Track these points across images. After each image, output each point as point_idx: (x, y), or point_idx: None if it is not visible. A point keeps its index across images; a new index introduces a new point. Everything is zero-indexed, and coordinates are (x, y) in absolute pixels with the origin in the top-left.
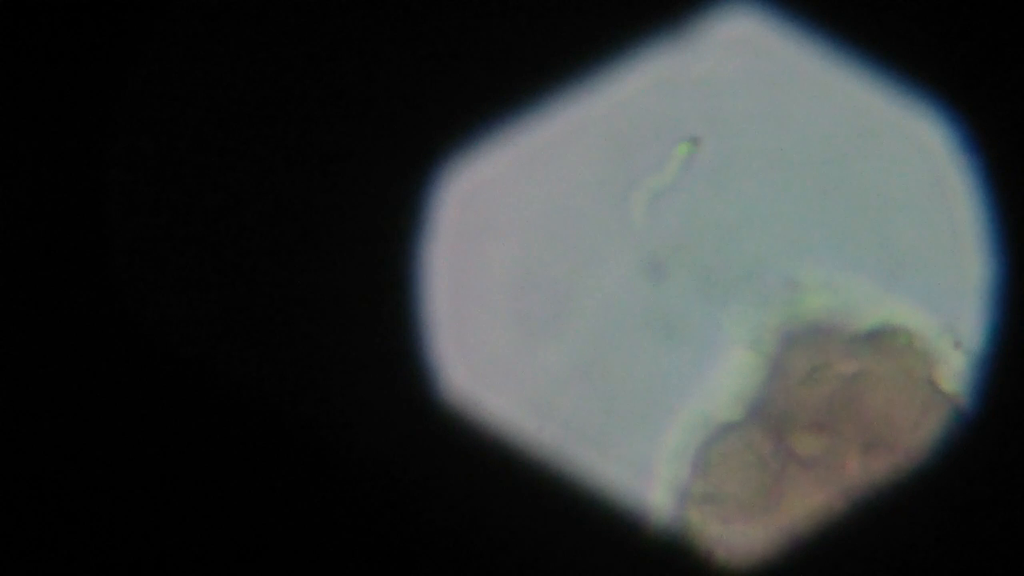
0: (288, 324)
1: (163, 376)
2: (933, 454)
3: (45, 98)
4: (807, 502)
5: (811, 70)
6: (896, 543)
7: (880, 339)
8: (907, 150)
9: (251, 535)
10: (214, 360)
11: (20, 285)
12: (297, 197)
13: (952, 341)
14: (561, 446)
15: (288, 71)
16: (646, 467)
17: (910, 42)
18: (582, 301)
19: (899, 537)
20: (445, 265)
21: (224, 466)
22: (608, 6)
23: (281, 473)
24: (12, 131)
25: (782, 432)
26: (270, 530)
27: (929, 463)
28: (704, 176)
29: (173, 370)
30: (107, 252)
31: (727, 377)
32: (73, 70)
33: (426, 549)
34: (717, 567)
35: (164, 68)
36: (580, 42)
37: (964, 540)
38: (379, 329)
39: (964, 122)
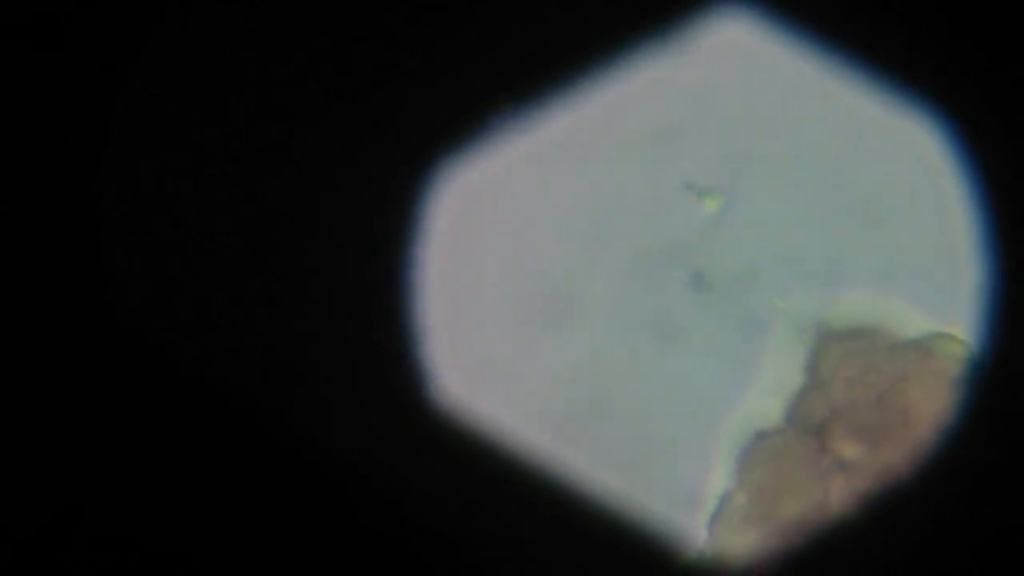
0: (282, 326)
1: (155, 379)
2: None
3: (41, 98)
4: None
5: (803, 74)
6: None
7: (925, 344)
8: (900, 154)
9: (241, 539)
10: (205, 362)
11: (14, 286)
12: (292, 198)
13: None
14: (556, 453)
15: (283, 72)
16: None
17: (902, 45)
18: (579, 305)
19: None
20: (441, 268)
21: (214, 469)
22: (602, 11)
23: (271, 477)
24: (9, 131)
25: (825, 438)
26: (260, 534)
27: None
28: (701, 181)
29: (164, 373)
30: (103, 253)
31: (765, 383)
32: (70, 71)
33: (419, 556)
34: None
35: (160, 69)
36: (574, 46)
37: (963, 539)
38: (374, 332)
39: (957, 125)
